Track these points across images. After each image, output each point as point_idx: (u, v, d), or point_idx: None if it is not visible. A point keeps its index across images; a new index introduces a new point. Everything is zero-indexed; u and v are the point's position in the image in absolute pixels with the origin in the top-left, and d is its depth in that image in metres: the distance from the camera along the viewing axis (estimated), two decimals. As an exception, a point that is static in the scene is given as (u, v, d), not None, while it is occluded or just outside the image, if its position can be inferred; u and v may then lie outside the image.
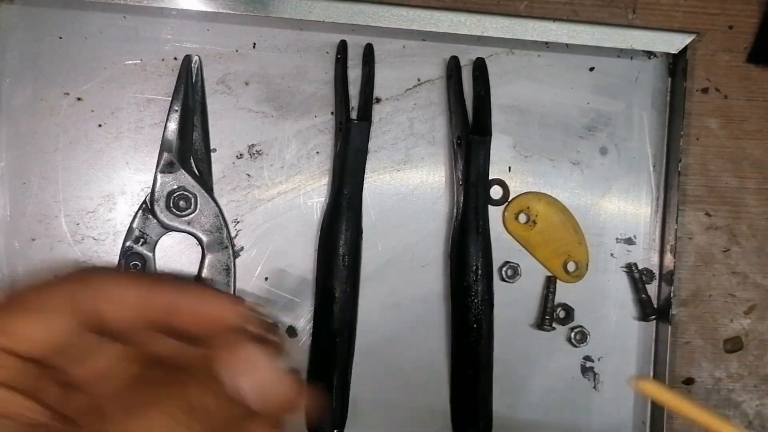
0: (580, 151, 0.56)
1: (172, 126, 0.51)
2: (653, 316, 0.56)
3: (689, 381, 0.57)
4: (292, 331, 0.54)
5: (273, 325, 0.31)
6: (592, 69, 0.57)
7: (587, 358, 0.56)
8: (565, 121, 0.56)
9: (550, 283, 0.55)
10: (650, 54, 0.57)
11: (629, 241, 0.57)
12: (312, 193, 0.54)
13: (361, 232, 0.53)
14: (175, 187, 0.51)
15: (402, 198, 0.55)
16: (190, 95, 0.52)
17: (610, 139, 0.57)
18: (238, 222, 0.53)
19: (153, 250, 0.52)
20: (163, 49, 0.53)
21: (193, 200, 0.51)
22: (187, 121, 0.51)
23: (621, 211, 0.57)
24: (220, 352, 0.30)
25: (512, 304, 0.55)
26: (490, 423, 0.54)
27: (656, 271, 0.57)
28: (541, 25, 0.54)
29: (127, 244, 0.51)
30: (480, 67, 0.54)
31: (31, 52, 0.51)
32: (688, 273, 0.57)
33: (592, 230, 0.56)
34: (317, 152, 0.54)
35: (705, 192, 0.57)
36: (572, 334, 0.56)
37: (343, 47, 0.53)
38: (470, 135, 0.52)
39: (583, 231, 0.56)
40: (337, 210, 0.52)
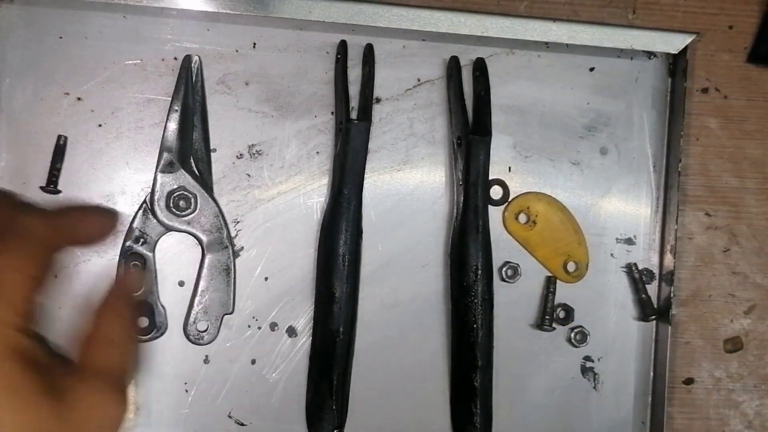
0: (580, 151, 0.56)
1: (172, 126, 0.51)
2: (653, 316, 0.56)
3: (689, 381, 0.57)
4: (292, 331, 0.54)
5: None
6: (592, 69, 0.57)
7: (587, 359, 0.56)
8: (565, 121, 0.56)
9: (550, 283, 0.55)
10: (650, 54, 0.57)
11: (629, 241, 0.57)
12: (312, 193, 0.54)
13: (361, 232, 0.53)
14: (175, 187, 0.51)
15: (402, 198, 0.55)
16: (190, 95, 0.52)
17: (610, 139, 0.57)
18: (238, 222, 0.53)
19: (153, 250, 0.52)
20: (163, 49, 0.53)
21: (193, 200, 0.51)
22: (187, 121, 0.51)
23: (621, 211, 0.57)
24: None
25: (512, 304, 0.55)
26: (490, 423, 0.54)
27: (656, 271, 0.57)
28: (541, 25, 0.54)
29: (127, 244, 0.51)
30: (480, 67, 0.54)
31: (31, 52, 0.51)
32: (688, 273, 0.57)
33: (592, 230, 0.56)
34: (317, 152, 0.54)
35: (705, 192, 0.57)
36: (572, 335, 0.56)
37: (343, 47, 0.53)
38: (470, 135, 0.52)
39: (583, 231, 0.56)
40: (337, 210, 0.52)
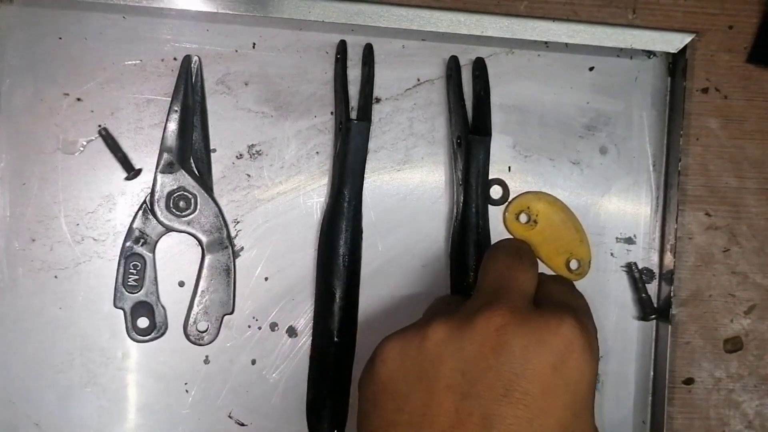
0: (580, 151, 0.57)
1: (172, 126, 0.51)
2: (653, 316, 0.56)
3: (689, 381, 0.57)
4: (292, 331, 0.54)
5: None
6: (591, 69, 0.57)
7: (587, 358, 0.56)
8: (565, 120, 0.56)
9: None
10: (650, 54, 0.57)
11: (629, 241, 0.57)
12: (312, 193, 0.54)
13: (361, 232, 0.53)
14: (175, 187, 0.51)
15: (402, 198, 0.55)
16: (189, 95, 0.52)
17: (610, 139, 0.57)
18: (238, 222, 0.53)
19: (153, 251, 0.52)
20: (163, 49, 0.53)
21: (193, 200, 0.51)
22: (186, 122, 0.51)
23: (621, 211, 0.57)
24: None
25: (512, 304, 0.55)
26: (490, 423, 0.54)
27: (656, 271, 0.57)
28: (541, 24, 0.54)
29: (127, 244, 0.51)
30: (480, 67, 0.54)
31: (31, 53, 0.51)
32: (688, 273, 0.57)
33: (592, 230, 0.56)
34: (317, 152, 0.54)
35: (705, 192, 0.57)
36: (572, 334, 0.56)
37: (342, 47, 0.53)
38: (470, 135, 0.52)
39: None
40: (337, 210, 0.52)
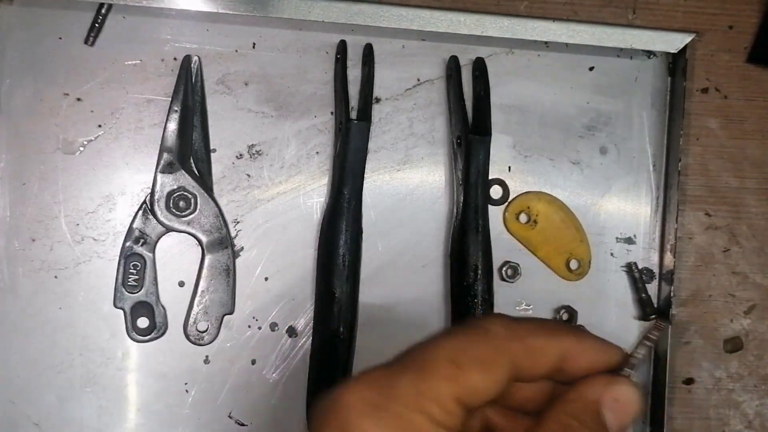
0: (580, 151, 0.56)
1: (172, 126, 0.51)
2: (653, 316, 0.56)
3: (689, 381, 0.57)
4: (292, 331, 0.54)
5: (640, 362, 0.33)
6: (591, 69, 0.57)
7: (587, 358, 0.56)
8: (565, 120, 0.56)
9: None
10: (650, 54, 0.57)
11: (629, 241, 0.57)
12: (312, 193, 0.54)
13: (361, 232, 0.53)
14: (175, 187, 0.51)
15: (402, 198, 0.55)
16: (189, 95, 0.52)
17: (610, 139, 0.57)
18: (238, 222, 0.53)
19: (153, 251, 0.52)
20: (163, 49, 0.53)
21: (193, 200, 0.51)
22: (186, 122, 0.51)
23: (621, 211, 0.57)
24: (604, 397, 0.31)
25: (512, 304, 0.55)
26: (490, 423, 0.54)
27: (656, 271, 0.57)
28: (541, 24, 0.54)
29: (127, 244, 0.51)
30: (480, 67, 0.54)
31: (31, 53, 0.51)
32: (688, 273, 0.57)
33: (592, 230, 0.56)
34: (317, 152, 0.54)
35: (705, 192, 0.57)
36: (572, 334, 0.56)
37: (342, 47, 0.53)
38: (470, 135, 0.52)
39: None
40: (337, 210, 0.52)
